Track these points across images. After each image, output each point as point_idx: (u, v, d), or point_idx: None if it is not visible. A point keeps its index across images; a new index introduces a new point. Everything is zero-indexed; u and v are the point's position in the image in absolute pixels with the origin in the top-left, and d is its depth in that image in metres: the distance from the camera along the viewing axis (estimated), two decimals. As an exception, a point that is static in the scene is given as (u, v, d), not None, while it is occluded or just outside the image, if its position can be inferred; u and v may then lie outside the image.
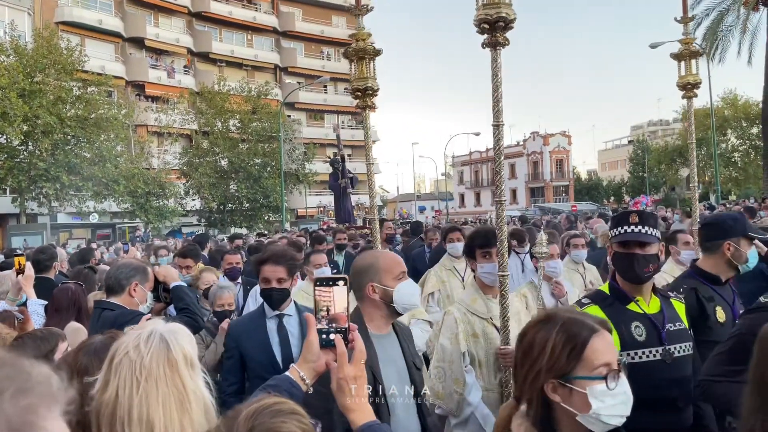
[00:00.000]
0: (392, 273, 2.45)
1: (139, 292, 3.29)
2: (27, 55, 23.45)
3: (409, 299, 2.46)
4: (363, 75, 3.69)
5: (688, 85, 4.68)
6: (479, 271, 3.30)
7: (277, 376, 1.66)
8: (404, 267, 2.52)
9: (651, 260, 2.54)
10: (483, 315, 3.22)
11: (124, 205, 29.24)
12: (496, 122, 3.03)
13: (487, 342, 3.17)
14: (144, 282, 3.34)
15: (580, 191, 61.09)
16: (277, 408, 1.21)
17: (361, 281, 2.46)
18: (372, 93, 3.74)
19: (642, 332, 2.48)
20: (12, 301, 4.15)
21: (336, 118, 52.68)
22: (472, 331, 3.16)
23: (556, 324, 1.58)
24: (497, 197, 3.08)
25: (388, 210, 60.06)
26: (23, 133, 22.36)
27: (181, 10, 44.05)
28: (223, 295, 4.42)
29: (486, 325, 3.19)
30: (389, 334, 2.52)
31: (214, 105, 33.21)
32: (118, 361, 1.36)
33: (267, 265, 3.24)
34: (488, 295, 3.28)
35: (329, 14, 52.81)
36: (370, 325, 2.42)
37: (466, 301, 3.30)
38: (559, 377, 1.54)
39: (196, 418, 1.35)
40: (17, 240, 19.51)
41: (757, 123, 35.65)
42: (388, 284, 2.42)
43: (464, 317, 3.19)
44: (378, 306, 2.44)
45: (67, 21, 36.00)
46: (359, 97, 3.76)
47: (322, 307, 1.62)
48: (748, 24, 28.65)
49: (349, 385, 1.57)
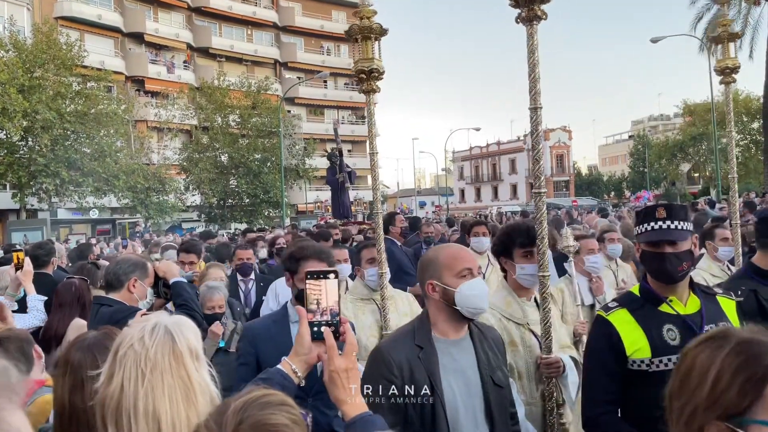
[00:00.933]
0: (453, 269, 2.20)
1: (139, 288, 3.23)
2: (26, 50, 23.40)
3: (474, 302, 2.18)
4: (368, 55, 3.43)
5: (727, 70, 4.28)
6: (519, 272, 2.95)
7: (269, 369, 1.66)
8: (470, 263, 2.23)
9: (684, 258, 2.28)
10: (519, 320, 2.92)
11: (124, 201, 29.25)
12: (534, 105, 2.75)
13: (526, 351, 2.87)
14: (143, 278, 3.27)
15: (580, 186, 61.16)
16: (266, 400, 1.21)
17: (422, 278, 2.26)
18: (377, 75, 3.47)
19: (675, 335, 2.25)
20: (11, 297, 4.14)
21: (336, 113, 52.67)
22: (510, 339, 2.84)
23: (728, 344, 1.20)
24: (536, 188, 2.75)
25: (388, 205, 60.11)
26: (23, 128, 22.33)
27: (180, 5, 43.97)
28: (213, 296, 4.02)
29: (523, 332, 2.90)
30: (461, 340, 2.26)
31: (213, 100, 33.18)
32: (122, 354, 1.35)
33: (310, 262, 2.86)
34: (522, 297, 2.98)
35: (329, 9, 52.71)
36: (433, 329, 2.22)
37: (500, 305, 2.96)
38: (727, 418, 1.14)
39: (201, 410, 1.34)
40: (17, 236, 19.50)
41: (758, 118, 35.63)
42: (449, 283, 2.18)
43: (500, 323, 2.86)
44: (440, 307, 2.22)
45: (66, 16, 35.94)
46: (363, 80, 3.49)
47: (313, 300, 1.63)
48: (750, 18, 28.60)
49: (340, 377, 1.57)
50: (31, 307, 4.00)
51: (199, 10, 45.32)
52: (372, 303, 3.89)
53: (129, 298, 3.22)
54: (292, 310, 2.89)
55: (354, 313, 3.79)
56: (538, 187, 2.78)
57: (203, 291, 4.04)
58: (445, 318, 2.22)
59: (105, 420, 1.34)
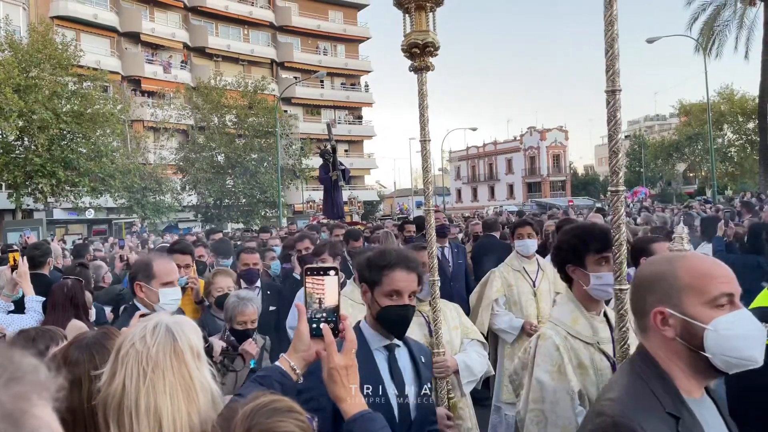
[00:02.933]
0: (703, 293, 1.51)
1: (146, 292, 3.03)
2: (22, 50, 23.31)
3: (742, 348, 1.48)
4: (422, 27, 3.01)
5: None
6: (594, 282, 2.48)
7: (268, 367, 1.67)
8: (731, 285, 1.53)
9: None
10: (588, 339, 2.48)
11: (121, 201, 29.16)
12: (612, 87, 2.37)
13: (597, 374, 2.42)
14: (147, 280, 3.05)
15: (576, 186, 61.26)
16: (274, 407, 1.21)
17: (644, 303, 1.62)
18: (433, 50, 3.06)
19: None
20: (8, 297, 4.14)
21: (333, 113, 52.62)
22: (578, 360, 2.43)
23: None
24: (612, 185, 2.30)
25: (385, 205, 60.09)
26: (18, 128, 22.24)
27: (176, 4, 43.87)
28: (246, 309, 3.52)
29: (593, 353, 2.46)
30: (703, 400, 1.59)
31: (210, 100, 33.12)
32: (124, 353, 1.36)
33: (397, 272, 2.32)
34: (591, 312, 2.54)
35: (326, 9, 52.66)
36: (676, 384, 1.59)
37: (565, 321, 2.54)
38: None
39: (203, 408, 1.35)
40: (13, 235, 19.42)
41: (754, 118, 35.74)
42: (695, 313, 1.50)
43: (565, 342, 2.45)
44: (677, 351, 1.55)
45: (62, 15, 35.83)
46: (416, 56, 3.06)
47: (314, 297, 1.63)
48: (745, 19, 28.74)
49: (339, 374, 1.57)
50: (28, 307, 3.99)
51: (196, 9, 45.23)
52: (419, 316, 3.37)
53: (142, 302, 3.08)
54: (371, 332, 2.38)
55: None
56: (616, 184, 2.28)
57: (233, 303, 3.58)
58: (686, 367, 1.55)
59: (107, 418, 1.35)
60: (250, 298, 3.64)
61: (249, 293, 3.84)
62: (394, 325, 2.35)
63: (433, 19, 3.05)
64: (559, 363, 2.39)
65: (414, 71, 3.15)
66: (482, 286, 5.03)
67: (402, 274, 2.32)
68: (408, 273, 2.35)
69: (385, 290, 2.31)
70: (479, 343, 3.58)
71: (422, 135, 3.33)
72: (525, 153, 62.18)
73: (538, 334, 2.58)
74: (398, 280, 2.32)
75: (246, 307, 3.53)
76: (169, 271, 3.04)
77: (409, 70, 3.17)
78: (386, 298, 2.32)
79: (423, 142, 3.33)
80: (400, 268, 2.34)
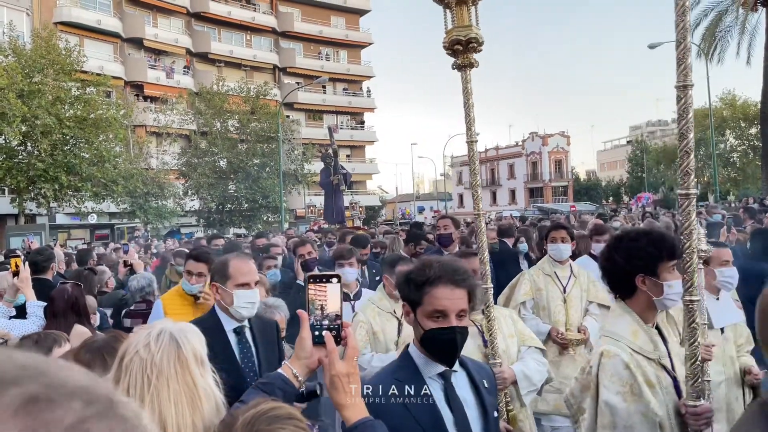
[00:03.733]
0: None
1: (222, 293, 2.88)
2: (25, 55, 23.41)
3: None
4: (464, 22, 2.86)
5: None
6: (668, 292, 2.29)
7: (270, 374, 1.66)
8: None
9: None
10: (650, 354, 2.28)
11: (123, 206, 29.19)
12: (683, 82, 2.24)
13: (665, 393, 2.23)
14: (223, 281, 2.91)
15: (579, 191, 61.17)
16: (274, 414, 1.21)
17: None
18: (476, 46, 2.90)
19: None
20: (9, 302, 4.14)
21: (335, 118, 52.72)
22: (645, 378, 2.21)
23: None
24: (683, 188, 2.14)
25: (386, 210, 60.08)
26: (22, 133, 22.31)
27: (179, 10, 44.04)
28: (273, 317, 3.37)
29: (656, 368, 2.27)
30: None
31: (212, 105, 33.19)
32: (128, 360, 1.36)
33: (440, 288, 1.99)
34: (649, 324, 2.36)
35: (328, 14, 52.81)
36: None
37: (624, 335, 2.31)
38: None
39: (207, 415, 1.35)
40: (16, 241, 19.45)
41: (756, 123, 35.73)
42: None
43: (631, 359, 2.22)
44: None
45: (65, 21, 35.98)
46: (459, 53, 2.89)
47: (317, 304, 1.63)
48: (747, 24, 28.74)
49: (341, 381, 1.57)
50: (30, 313, 3.99)
51: (199, 15, 45.41)
52: (471, 325, 3.12)
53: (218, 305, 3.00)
54: (421, 358, 2.07)
55: None
56: (687, 186, 2.10)
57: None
58: None
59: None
60: (277, 306, 3.52)
61: (277, 300, 3.68)
62: (440, 351, 2.03)
63: (475, 13, 2.90)
64: (631, 383, 2.18)
65: (457, 69, 2.97)
66: (510, 289, 4.93)
67: (446, 290, 1.98)
68: (453, 289, 1.99)
69: (428, 310, 1.99)
70: (537, 350, 3.40)
71: (468, 135, 3.11)
72: (527, 158, 62.17)
73: (601, 352, 2.31)
74: (441, 298, 1.98)
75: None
76: (246, 271, 2.88)
77: (452, 68, 2.99)
78: (429, 319, 1.99)
79: (469, 143, 3.15)
80: (443, 283, 1.99)
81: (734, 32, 29.31)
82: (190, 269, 4.26)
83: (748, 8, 26.28)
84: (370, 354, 3.86)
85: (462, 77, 2.98)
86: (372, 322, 3.95)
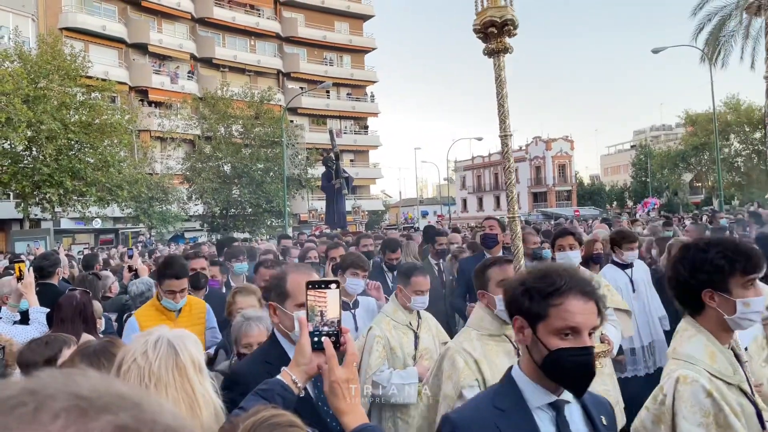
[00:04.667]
0: None
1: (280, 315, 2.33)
2: (31, 61, 23.53)
3: None
4: (498, 2, 2.62)
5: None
6: (742, 310, 2.05)
7: (269, 380, 1.65)
8: None
9: None
10: (730, 379, 2.04)
11: (127, 211, 29.25)
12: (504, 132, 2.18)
13: (750, 422, 1.99)
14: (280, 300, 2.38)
15: (582, 196, 61.06)
16: (275, 421, 1.21)
17: None
18: (511, 30, 2.64)
19: None
20: (13, 308, 4.16)
21: (338, 123, 52.80)
22: (729, 406, 1.98)
23: None
24: None
25: (390, 214, 60.09)
26: (27, 138, 22.40)
27: (184, 15, 44.24)
28: (250, 330, 3.02)
29: (739, 396, 2.03)
30: None
31: (217, 110, 33.27)
32: (126, 369, 1.36)
33: (572, 300, 1.71)
34: (725, 345, 2.12)
35: (332, 20, 52.97)
36: None
37: (701, 358, 2.07)
38: None
39: (206, 423, 1.35)
40: (20, 245, 19.52)
41: (760, 128, 35.65)
42: None
43: (711, 385, 1.98)
44: None
45: (71, 27, 36.18)
46: (492, 36, 2.63)
47: (316, 311, 1.64)
48: (751, 29, 28.66)
49: (341, 387, 1.57)
50: (32, 319, 4.01)
51: (203, 21, 45.61)
52: (506, 341, 2.86)
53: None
54: (530, 385, 1.78)
55: (483, 353, 2.78)
56: None
57: (238, 323, 3.14)
58: None
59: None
60: (257, 318, 3.10)
61: (257, 312, 3.30)
62: (569, 376, 1.72)
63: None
64: (714, 412, 1.94)
65: (489, 55, 2.66)
66: None
67: (579, 303, 1.70)
68: (586, 301, 1.71)
69: (557, 326, 1.69)
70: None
71: (502, 129, 2.79)
72: (530, 163, 62.11)
73: (676, 378, 2.05)
74: (575, 312, 1.69)
75: (251, 328, 3.00)
76: None
77: (483, 54, 2.70)
78: (557, 337, 1.69)
79: (503, 138, 2.82)
80: (574, 294, 1.71)
81: (738, 36, 29.27)
82: (172, 289, 3.95)
83: (752, 12, 26.23)
84: (388, 371, 3.61)
85: (494, 64, 2.67)
86: (389, 337, 3.72)
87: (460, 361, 2.72)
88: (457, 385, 2.62)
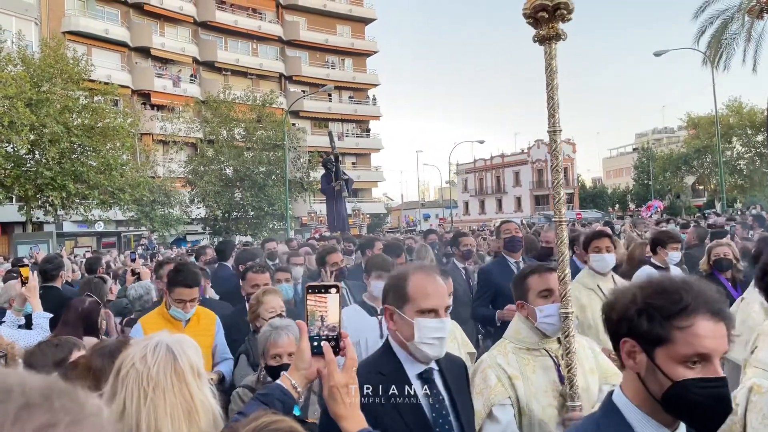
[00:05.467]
0: None
1: (398, 322, 2.16)
2: (34, 64, 23.61)
3: None
4: None
5: None
6: None
7: (269, 385, 1.66)
8: None
9: None
10: None
11: (130, 214, 29.29)
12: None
13: None
14: (399, 305, 2.21)
15: (584, 199, 61.02)
16: (276, 427, 1.21)
17: None
18: (565, 14, 2.43)
19: None
20: (18, 311, 4.17)
21: (340, 126, 52.87)
22: None
23: None
24: None
25: (392, 217, 60.09)
26: (30, 141, 22.45)
27: (186, 19, 44.36)
28: (280, 340, 2.88)
29: None
30: None
31: (219, 113, 33.32)
32: (125, 373, 1.37)
33: (701, 321, 1.41)
34: None
35: (333, 23, 53.08)
36: None
37: None
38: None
39: (204, 427, 1.35)
40: (23, 248, 19.55)
41: (763, 130, 35.60)
42: None
43: None
44: None
45: (73, 30, 36.30)
46: (543, 21, 2.43)
47: (316, 315, 1.64)
48: (753, 32, 28.62)
49: (340, 392, 1.57)
50: (35, 324, 4.02)
51: (205, 24, 45.73)
52: (545, 356, 2.63)
53: None
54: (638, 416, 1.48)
55: (519, 369, 2.57)
56: None
57: (265, 332, 2.97)
58: None
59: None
60: (285, 326, 2.94)
61: (286, 320, 3.12)
62: (700, 413, 1.40)
63: None
64: None
65: (539, 42, 2.48)
66: None
67: (709, 325, 1.39)
68: (716, 323, 1.40)
69: (683, 353, 1.39)
70: None
71: (550, 124, 2.54)
72: (533, 165, 62.09)
73: (749, 387, 1.84)
74: (706, 336, 1.38)
75: (279, 337, 2.86)
76: (433, 292, 2.05)
77: (533, 41, 2.51)
78: (682, 365, 1.39)
79: (552, 134, 2.57)
80: (704, 315, 1.40)
81: (740, 39, 29.23)
82: (182, 297, 3.65)
83: (754, 15, 26.22)
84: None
85: (545, 52, 2.47)
86: None
87: (493, 377, 2.53)
88: (487, 402, 2.48)
